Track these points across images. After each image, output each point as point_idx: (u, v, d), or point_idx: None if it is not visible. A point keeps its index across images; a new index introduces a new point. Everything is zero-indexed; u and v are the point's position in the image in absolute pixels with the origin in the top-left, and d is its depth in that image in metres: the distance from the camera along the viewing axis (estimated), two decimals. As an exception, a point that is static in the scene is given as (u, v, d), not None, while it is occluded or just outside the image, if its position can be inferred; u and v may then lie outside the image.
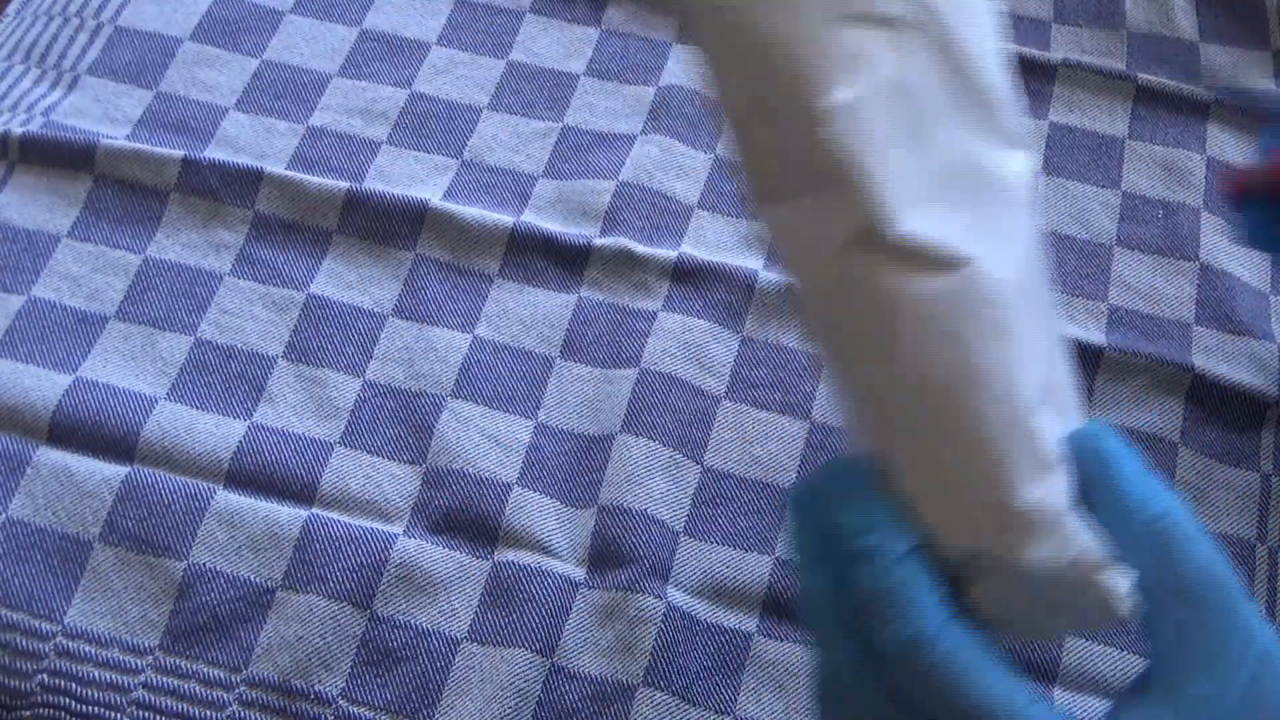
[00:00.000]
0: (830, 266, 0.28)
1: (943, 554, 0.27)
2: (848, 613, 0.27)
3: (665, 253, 0.47)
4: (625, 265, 0.46)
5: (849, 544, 0.27)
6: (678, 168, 0.49)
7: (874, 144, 0.28)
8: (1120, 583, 0.26)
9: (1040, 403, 0.28)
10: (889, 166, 0.28)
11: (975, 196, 0.29)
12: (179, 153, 0.48)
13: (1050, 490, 0.27)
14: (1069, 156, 0.50)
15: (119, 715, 0.38)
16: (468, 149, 0.50)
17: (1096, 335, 0.45)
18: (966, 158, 0.30)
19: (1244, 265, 0.47)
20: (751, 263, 0.47)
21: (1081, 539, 0.26)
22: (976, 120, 0.30)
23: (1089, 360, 0.45)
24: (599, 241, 0.47)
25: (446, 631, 0.40)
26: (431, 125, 0.50)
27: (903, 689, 0.26)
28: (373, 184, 0.48)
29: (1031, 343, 0.28)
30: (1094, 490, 0.27)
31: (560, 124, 0.51)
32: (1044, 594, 0.26)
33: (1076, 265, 0.47)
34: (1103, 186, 0.49)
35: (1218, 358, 0.45)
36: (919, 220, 0.28)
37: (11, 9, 0.55)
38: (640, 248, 0.47)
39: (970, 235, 0.28)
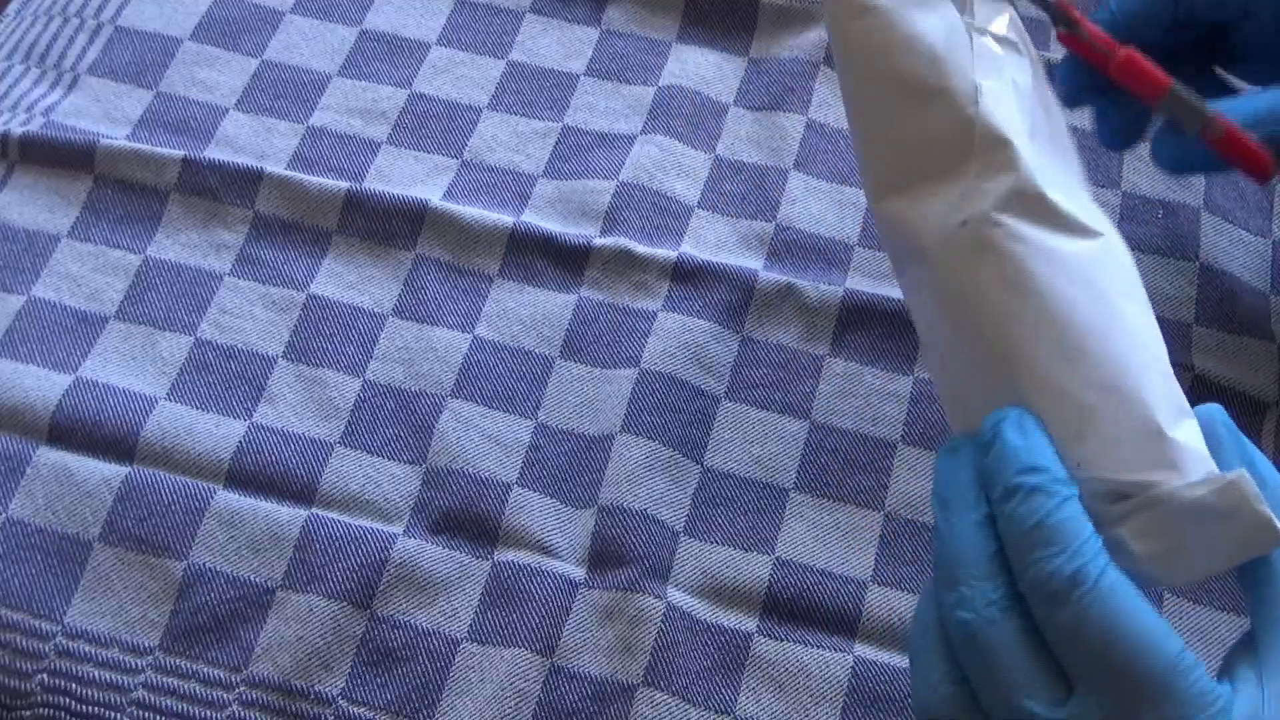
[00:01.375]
0: (980, 231, 0.31)
1: (1089, 503, 0.28)
2: (1010, 546, 0.27)
3: (665, 253, 0.47)
4: (625, 265, 0.46)
5: (1015, 480, 0.28)
6: (678, 168, 0.49)
7: (1015, 125, 0.32)
8: (1269, 508, 0.27)
9: (1168, 361, 0.30)
10: (1028, 146, 0.32)
11: (1084, 198, 0.33)
12: (179, 153, 0.48)
13: (1193, 431, 0.29)
14: (1069, 156, 0.50)
15: (119, 715, 0.38)
16: (468, 149, 0.50)
17: (1096, 335, 0.45)
18: (1068, 167, 0.33)
19: (1244, 265, 0.47)
20: (751, 263, 0.47)
21: (1226, 473, 0.28)
22: (1064, 146, 0.34)
23: (1089, 360, 0.45)
24: (599, 241, 0.47)
25: (446, 631, 0.40)
26: (431, 125, 0.50)
27: (1058, 625, 0.26)
28: (373, 184, 0.48)
29: (1151, 314, 0.31)
30: (1225, 455, 0.29)
31: (560, 124, 0.51)
32: (1195, 526, 0.28)
33: (1076, 265, 0.47)
34: (1102, 186, 0.49)
35: (1218, 358, 0.45)
36: (1057, 194, 0.31)
37: (11, 9, 0.55)
38: (640, 248, 0.47)
39: (1093, 219, 0.32)
